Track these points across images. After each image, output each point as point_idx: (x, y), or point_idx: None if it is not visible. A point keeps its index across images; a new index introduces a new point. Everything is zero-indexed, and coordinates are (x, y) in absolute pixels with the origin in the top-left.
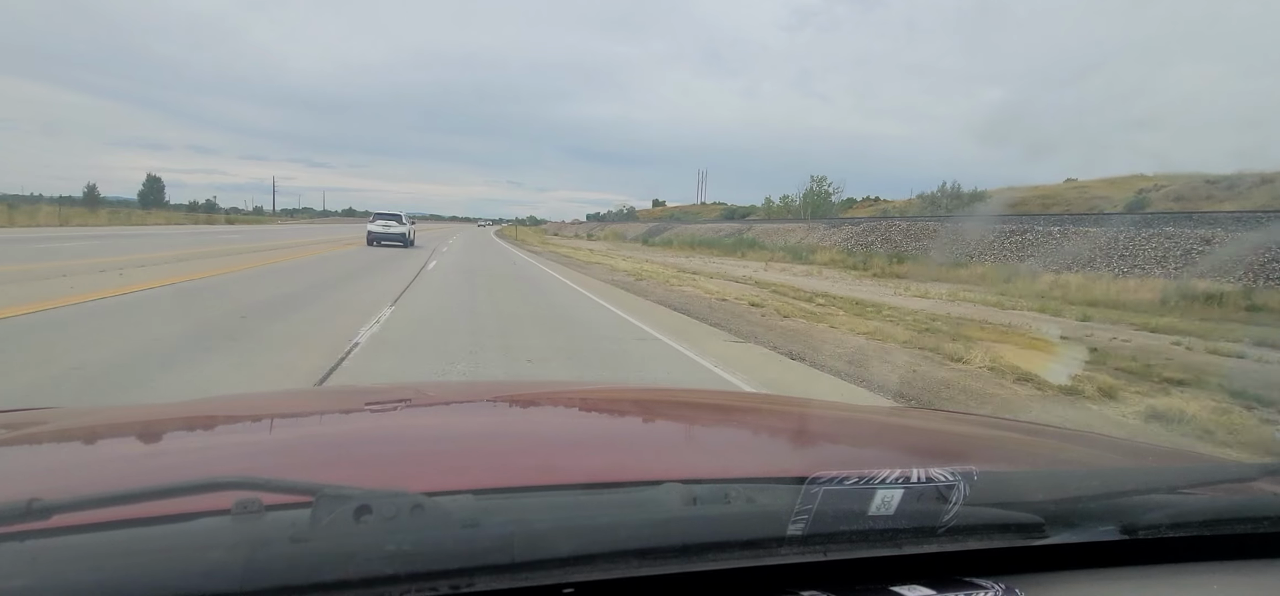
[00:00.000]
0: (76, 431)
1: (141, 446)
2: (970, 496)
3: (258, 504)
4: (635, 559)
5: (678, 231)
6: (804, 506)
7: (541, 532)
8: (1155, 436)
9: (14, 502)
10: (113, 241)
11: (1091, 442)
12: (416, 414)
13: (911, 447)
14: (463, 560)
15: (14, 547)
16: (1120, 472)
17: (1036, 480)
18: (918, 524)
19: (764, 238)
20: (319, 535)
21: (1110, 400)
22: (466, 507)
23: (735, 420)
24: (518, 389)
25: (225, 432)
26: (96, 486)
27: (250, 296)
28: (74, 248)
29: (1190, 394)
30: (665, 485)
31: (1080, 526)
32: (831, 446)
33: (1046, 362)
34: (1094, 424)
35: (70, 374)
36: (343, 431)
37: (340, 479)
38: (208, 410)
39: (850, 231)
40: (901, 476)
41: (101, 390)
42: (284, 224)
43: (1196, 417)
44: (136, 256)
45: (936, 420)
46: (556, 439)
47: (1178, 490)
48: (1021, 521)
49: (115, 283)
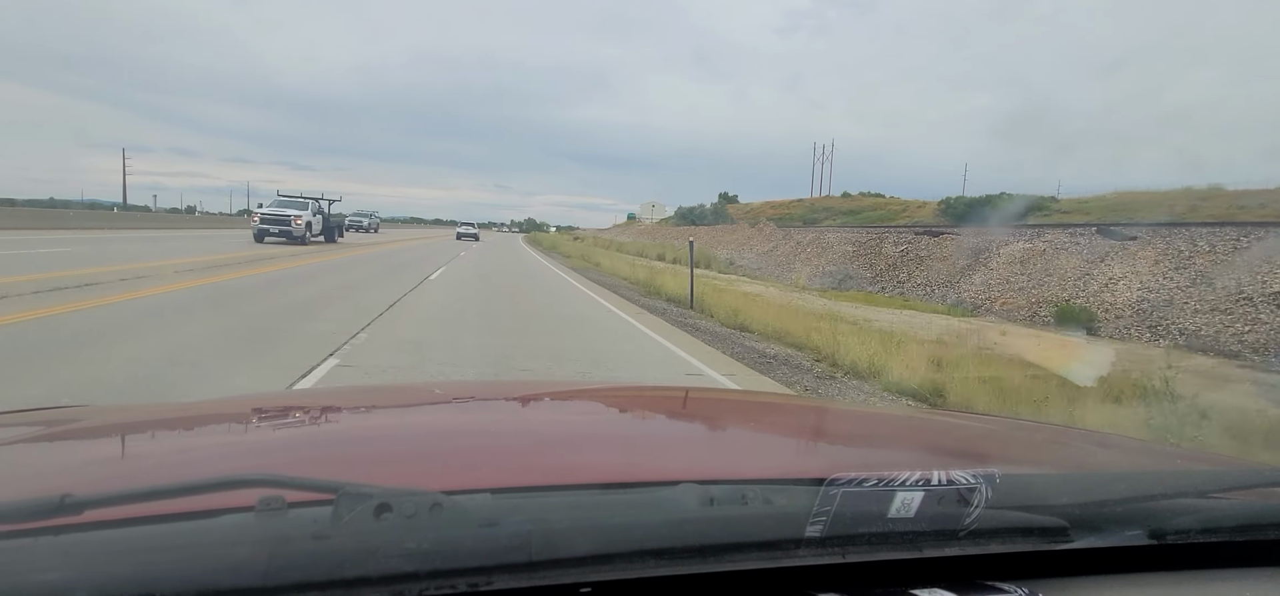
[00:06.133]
0: (105, 429)
1: (168, 444)
2: (992, 499)
3: (281, 501)
4: (652, 559)
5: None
6: (822, 508)
7: (559, 532)
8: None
9: (47, 497)
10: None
11: (1118, 445)
12: (435, 413)
13: (932, 448)
14: (481, 558)
15: (48, 541)
16: (1148, 476)
17: (1061, 482)
18: (938, 526)
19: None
20: (340, 532)
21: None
22: (485, 506)
23: (753, 420)
24: (535, 388)
25: (249, 431)
26: (125, 482)
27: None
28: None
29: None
30: (682, 485)
31: (1106, 530)
32: (850, 447)
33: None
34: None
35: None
36: (363, 430)
37: (361, 477)
38: (231, 408)
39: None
40: (922, 478)
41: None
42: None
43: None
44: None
45: (958, 420)
46: (574, 438)
47: (1208, 494)
48: (1045, 525)
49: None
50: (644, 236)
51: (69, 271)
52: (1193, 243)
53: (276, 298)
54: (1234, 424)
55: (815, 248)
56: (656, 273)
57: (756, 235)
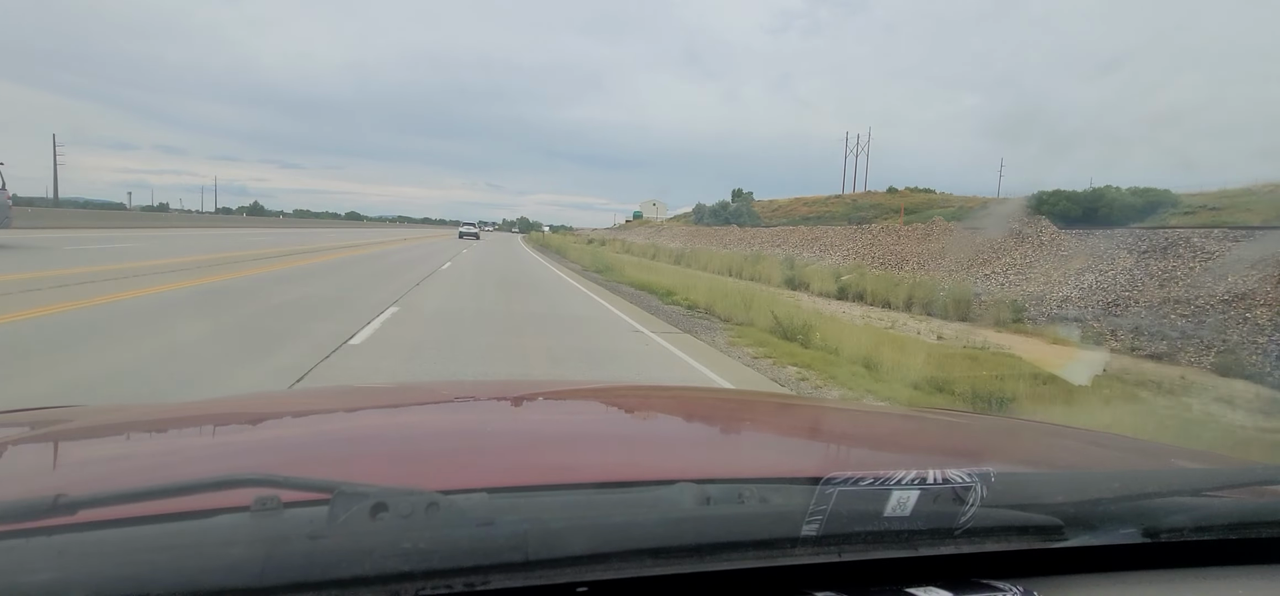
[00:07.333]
0: (99, 429)
1: (162, 443)
2: (988, 498)
3: (276, 501)
4: (649, 558)
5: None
6: (818, 507)
7: (555, 531)
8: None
9: (41, 498)
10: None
11: (1113, 443)
12: (431, 412)
13: (928, 448)
14: (477, 558)
15: (41, 542)
16: (1142, 474)
17: (1056, 481)
18: (934, 525)
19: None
20: (336, 532)
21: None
22: (481, 506)
23: (750, 419)
24: (531, 387)
25: (243, 430)
26: (120, 483)
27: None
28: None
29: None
30: (679, 484)
31: (1101, 529)
32: (847, 446)
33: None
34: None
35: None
36: (359, 429)
37: (356, 476)
38: (226, 408)
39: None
40: (917, 477)
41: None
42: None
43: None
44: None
45: (954, 419)
46: (570, 437)
47: (1202, 492)
48: (1040, 523)
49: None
50: (664, 238)
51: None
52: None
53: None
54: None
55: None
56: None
57: (842, 238)
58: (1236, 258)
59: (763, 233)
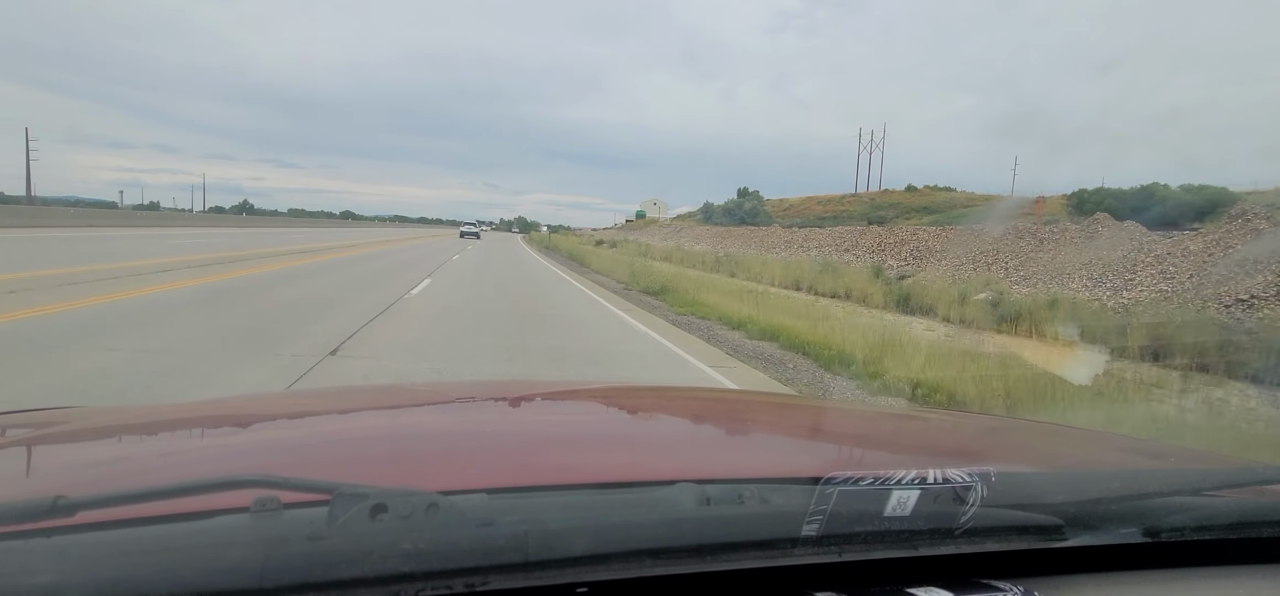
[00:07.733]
0: (98, 430)
1: (162, 445)
2: (988, 497)
3: (276, 502)
4: (649, 558)
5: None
6: (819, 507)
7: (555, 532)
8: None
9: (40, 499)
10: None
11: (1113, 443)
12: (431, 413)
13: (928, 447)
14: (477, 558)
15: (41, 543)
16: (1143, 474)
17: (1056, 481)
18: (934, 525)
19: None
20: (336, 533)
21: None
22: (481, 506)
23: (750, 419)
24: (531, 388)
25: (242, 431)
26: (119, 484)
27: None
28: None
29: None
30: (679, 485)
31: (1101, 528)
32: (847, 446)
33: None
34: None
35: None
36: (358, 430)
37: (356, 477)
38: (225, 409)
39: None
40: (918, 477)
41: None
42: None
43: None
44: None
45: (954, 419)
46: (570, 438)
47: (1202, 492)
48: (1041, 523)
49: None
50: (686, 239)
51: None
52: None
53: None
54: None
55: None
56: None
57: (895, 240)
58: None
59: (785, 233)
